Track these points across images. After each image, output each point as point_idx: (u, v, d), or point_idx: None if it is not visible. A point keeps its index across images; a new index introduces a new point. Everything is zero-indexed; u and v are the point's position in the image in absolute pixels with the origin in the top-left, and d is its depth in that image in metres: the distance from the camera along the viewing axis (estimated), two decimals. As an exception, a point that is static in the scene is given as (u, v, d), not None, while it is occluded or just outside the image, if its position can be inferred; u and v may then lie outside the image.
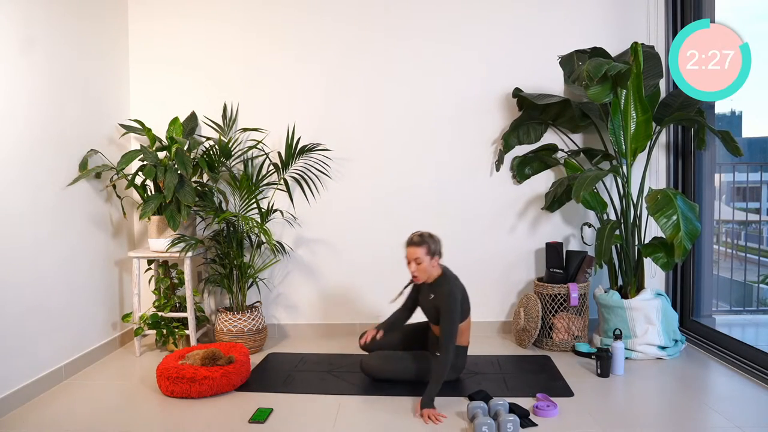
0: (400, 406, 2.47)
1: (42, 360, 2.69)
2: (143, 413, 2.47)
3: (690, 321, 3.38)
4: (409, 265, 2.61)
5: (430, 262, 2.58)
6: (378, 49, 3.51)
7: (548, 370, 2.89)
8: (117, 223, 3.38)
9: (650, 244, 3.01)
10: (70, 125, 2.96)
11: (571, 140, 3.51)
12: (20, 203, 2.57)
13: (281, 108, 3.52)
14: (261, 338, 3.29)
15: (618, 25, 3.45)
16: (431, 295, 2.64)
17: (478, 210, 3.54)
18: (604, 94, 2.92)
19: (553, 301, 3.22)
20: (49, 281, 2.76)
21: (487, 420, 2.12)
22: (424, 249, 2.56)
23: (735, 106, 4.39)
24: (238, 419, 2.35)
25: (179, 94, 3.55)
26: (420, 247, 2.56)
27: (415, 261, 2.58)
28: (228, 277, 3.33)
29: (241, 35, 3.53)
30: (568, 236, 3.55)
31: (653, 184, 3.41)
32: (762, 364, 2.71)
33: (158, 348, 3.34)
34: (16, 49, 2.56)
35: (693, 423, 2.33)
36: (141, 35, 3.55)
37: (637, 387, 2.70)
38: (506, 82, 3.48)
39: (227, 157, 3.38)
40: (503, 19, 3.49)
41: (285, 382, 2.76)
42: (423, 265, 2.57)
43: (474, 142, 3.53)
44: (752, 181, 4.56)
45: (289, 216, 3.56)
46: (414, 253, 2.57)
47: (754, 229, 4.83)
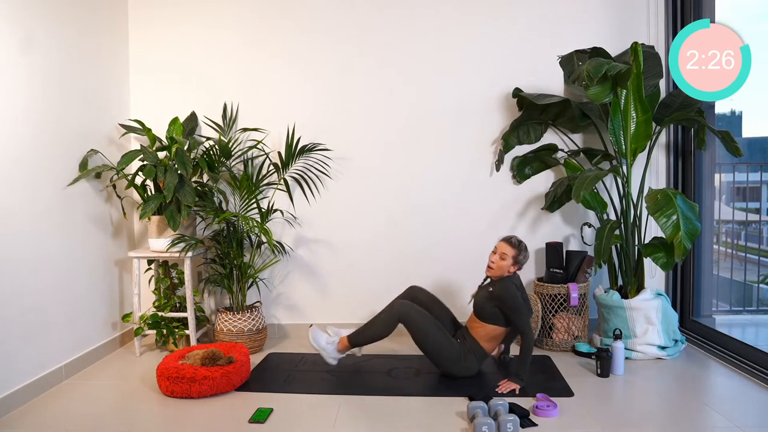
0: (401, 406, 2.47)
1: (42, 360, 2.69)
2: (143, 413, 2.47)
3: (690, 321, 3.38)
4: (492, 255, 2.73)
5: (509, 266, 2.70)
6: (378, 49, 3.51)
7: (548, 370, 2.89)
8: (117, 223, 3.38)
9: (650, 244, 3.01)
10: (70, 125, 2.96)
11: (571, 140, 3.51)
12: (20, 203, 2.57)
13: (281, 108, 3.52)
14: (261, 338, 3.29)
15: (618, 25, 3.45)
16: (490, 288, 2.75)
17: (477, 210, 3.54)
18: (604, 94, 2.92)
19: (553, 301, 3.22)
20: (48, 281, 2.76)
21: (487, 420, 2.12)
22: (515, 252, 2.70)
23: (735, 106, 4.39)
24: (238, 419, 2.35)
25: (179, 94, 3.55)
26: (513, 248, 2.71)
27: (501, 255, 2.70)
28: (228, 277, 3.33)
29: (242, 35, 3.53)
30: (568, 236, 3.56)
31: (653, 184, 3.41)
32: (762, 364, 2.71)
33: (158, 348, 3.34)
34: (15, 48, 2.56)
35: (693, 423, 2.33)
36: (141, 36, 3.55)
37: (637, 387, 2.70)
38: (506, 82, 3.48)
39: (227, 157, 3.38)
40: (503, 19, 3.49)
41: (285, 382, 2.76)
42: (505, 263, 2.69)
43: (474, 142, 3.53)
44: (752, 181, 4.56)
45: (289, 216, 3.56)
46: (504, 248, 2.71)
47: (754, 229, 4.83)
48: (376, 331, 2.75)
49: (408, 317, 2.69)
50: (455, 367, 2.71)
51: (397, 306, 2.74)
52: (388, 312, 2.75)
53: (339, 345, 2.81)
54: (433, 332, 2.68)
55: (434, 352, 2.70)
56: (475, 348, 2.74)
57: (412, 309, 2.71)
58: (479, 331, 2.75)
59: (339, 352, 2.82)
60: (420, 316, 2.70)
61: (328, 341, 2.81)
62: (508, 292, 2.66)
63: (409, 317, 2.69)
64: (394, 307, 2.75)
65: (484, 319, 2.73)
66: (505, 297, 2.66)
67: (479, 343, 2.74)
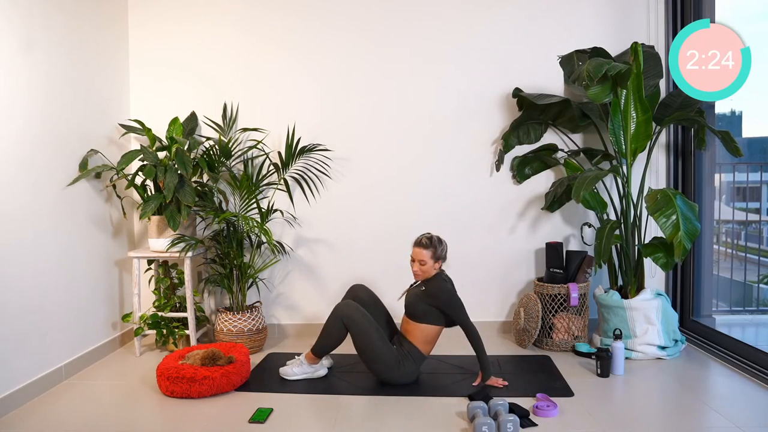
0: (401, 406, 2.47)
1: (42, 360, 2.69)
2: (143, 413, 2.47)
3: (690, 321, 3.38)
4: (413, 264, 2.68)
5: (432, 266, 2.66)
6: (378, 49, 3.51)
7: (548, 370, 2.89)
8: (117, 223, 3.38)
9: (650, 244, 3.01)
10: (70, 125, 2.96)
11: (571, 140, 3.51)
12: (20, 203, 2.57)
13: (281, 108, 3.52)
14: (261, 338, 3.29)
15: (618, 25, 3.46)
16: (422, 287, 2.70)
17: (477, 210, 3.55)
18: (604, 94, 2.92)
19: (553, 301, 3.22)
20: (49, 281, 2.76)
21: (487, 420, 2.12)
22: (430, 252, 2.64)
23: (735, 106, 4.39)
24: (238, 419, 2.35)
25: (179, 94, 3.55)
26: (427, 249, 2.64)
27: (420, 262, 2.64)
28: (228, 277, 3.33)
29: (241, 35, 3.53)
30: (568, 236, 3.56)
31: (653, 184, 3.41)
32: (762, 364, 2.71)
33: (158, 348, 3.34)
34: (15, 48, 2.56)
35: (693, 423, 2.33)
36: (141, 36, 3.55)
37: (637, 387, 2.70)
38: (506, 82, 3.48)
39: (227, 157, 3.38)
40: (503, 19, 3.49)
41: (285, 382, 2.76)
42: (426, 266, 2.65)
43: (474, 142, 3.53)
44: (752, 181, 4.56)
45: (289, 216, 3.56)
46: (419, 255, 2.64)
47: (754, 229, 4.83)
48: (331, 338, 2.67)
49: (350, 319, 2.59)
50: (393, 374, 2.63)
51: (341, 308, 2.65)
52: (333, 316, 2.66)
53: (306, 358, 2.77)
54: (373, 335, 2.59)
55: (373, 357, 2.61)
56: (412, 351, 2.68)
57: (356, 311, 2.62)
58: (414, 332, 2.69)
59: (315, 363, 2.78)
60: (362, 318, 2.60)
61: (298, 364, 2.77)
62: (441, 289, 2.62)
63: (351, 319, 2.59)
64: (338, 309, 2.65)
65: (417, 319, 2.67)
66: (438, 293, 2.62)
67: (415, 346, 2.68)
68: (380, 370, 2.65)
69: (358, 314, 2.62)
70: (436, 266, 2.67)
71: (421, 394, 2.59)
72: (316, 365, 2.79)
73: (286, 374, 2.78)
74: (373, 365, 2.65)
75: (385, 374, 2.65)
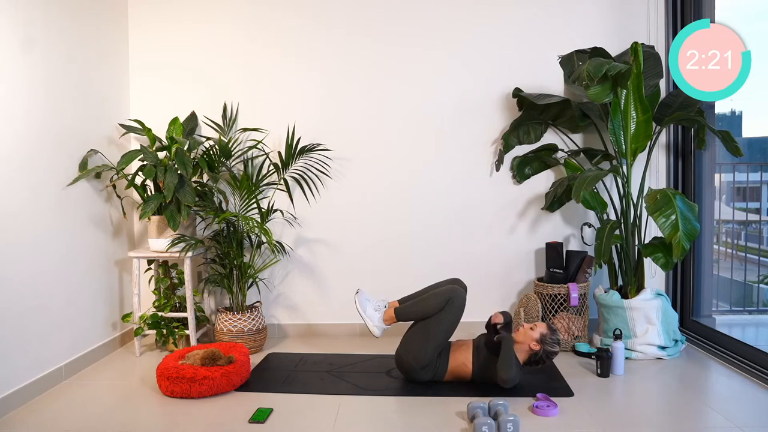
0: (401, 406, 2.47)
1: (42, 360, 2.69)
2: (143, 413, 2.47)
3: (690, 321, 3.38)
4: (526, 325, 2.69)
5: (535, 340, 2.61)
6: (378, 49, 3.51)
7: (548, 370, 2.88)
8: (117, 223, 3.38)
9: (650, 244, 3.01)
10: (70, 125, 2.96)
11: (571, 140, 3.51)
12: (20, 203, 2.57)
13: (281, 108, 3.52)
14: (261, 338, 3.29)
15: (618, 25, 3.46)
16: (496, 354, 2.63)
17: (477, 210, 3.54)
18: (604, 94, 2.92)
19: (553, 301, 3.22)
20: (49, 281, 2.76)
21: (487, 420, 2.12)
22: (547, 334, 2.63)
23: (735, 106, 4.40)
24: (238, 419, 2.35)
25: (179, 94, 3.55)
26: (549, 331, 2.64)
27: (531, 326, 2.65)
28: (228, 277, 3.33)
29: (241, 35, 3.53)
30: (568, 236, 3.56)
31: (653, 184, 3.41)
32: (762, 364, 2.71)
33: (158, 348, 3.34)
34: (15, 48, 2.56)
35: (693, 423, 2.33)
36: (141, 36, 3.55)
37: (637, 387, 2.70)
38: (506, 82, 3.48)
39: (227, 157, 3.38)
40: (503, 19, 3.49)
41: (285, 382, 2.76)
42: (533, 333, 2.63)
43: (474, 142, 3.53)
44: (752, 181, 4.56)
45: (289, 216, 3.56)
46: (542, 328, 2.64)
47: (754, 229, 4.83)
48: (425, 308, 2.62)
49: (453, 305, 2.57)
50: (416, 367, 2.63)
51: (458, 292, 2.61)
52: (445, 291, 2.61)
53: (385, 315, 2.70)
54: (445, 329, 2.60)
55: (421, 341, 2.61)
56: (441, 366, 2.67)
57: (462, 306, 2.61)
58: (458, 358, 2.68)
59: (385, 323, 2.70)
60: (458, 313, 2.60)
61: (376, 308, 2.69)
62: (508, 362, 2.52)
63: (454, 306, 2.57)
64: (454, 291, 2.60)
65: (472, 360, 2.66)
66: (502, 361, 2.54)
67: (447, 365, 2.68)
68: (412, 353, 2.63)
69: (460, 308, 2.61)
70: (534, 346, 2.58)
71: (422, 394, 2.59)
72: (386, 325, 2.71)
73: (363, 307, 2.70)
74: (412, 346, 2.63)
75: (410, 359, 2.63)
